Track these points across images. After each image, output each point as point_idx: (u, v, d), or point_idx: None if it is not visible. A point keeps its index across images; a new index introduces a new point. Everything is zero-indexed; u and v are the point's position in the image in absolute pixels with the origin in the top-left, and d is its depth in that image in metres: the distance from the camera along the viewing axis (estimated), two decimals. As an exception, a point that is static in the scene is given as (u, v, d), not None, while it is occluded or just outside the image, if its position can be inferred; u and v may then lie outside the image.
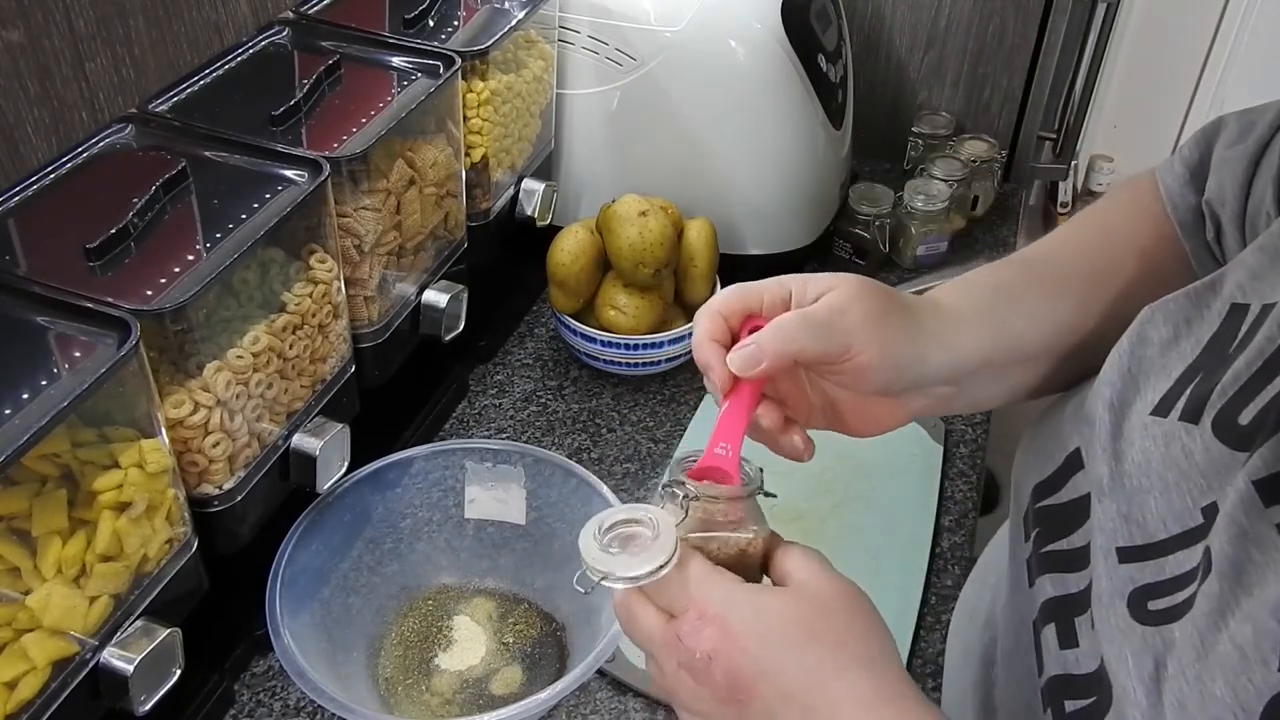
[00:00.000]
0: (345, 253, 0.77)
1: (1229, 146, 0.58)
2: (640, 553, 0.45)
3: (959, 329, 0.55)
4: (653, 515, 0.47)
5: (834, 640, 0.44)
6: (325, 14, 0.89)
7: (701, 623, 0.45)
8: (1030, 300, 0.58)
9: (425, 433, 0.95)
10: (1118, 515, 0.47)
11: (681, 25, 1.02)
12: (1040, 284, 0.59)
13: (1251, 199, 0.56)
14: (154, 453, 0.60)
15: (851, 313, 0.51)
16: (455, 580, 0.82)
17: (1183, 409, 0.47)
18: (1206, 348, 0.48)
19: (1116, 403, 0.50)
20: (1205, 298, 0.50)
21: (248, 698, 0.76)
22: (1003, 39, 1.29)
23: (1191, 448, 0.45)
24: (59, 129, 0.78)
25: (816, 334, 0.51)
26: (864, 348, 0.51)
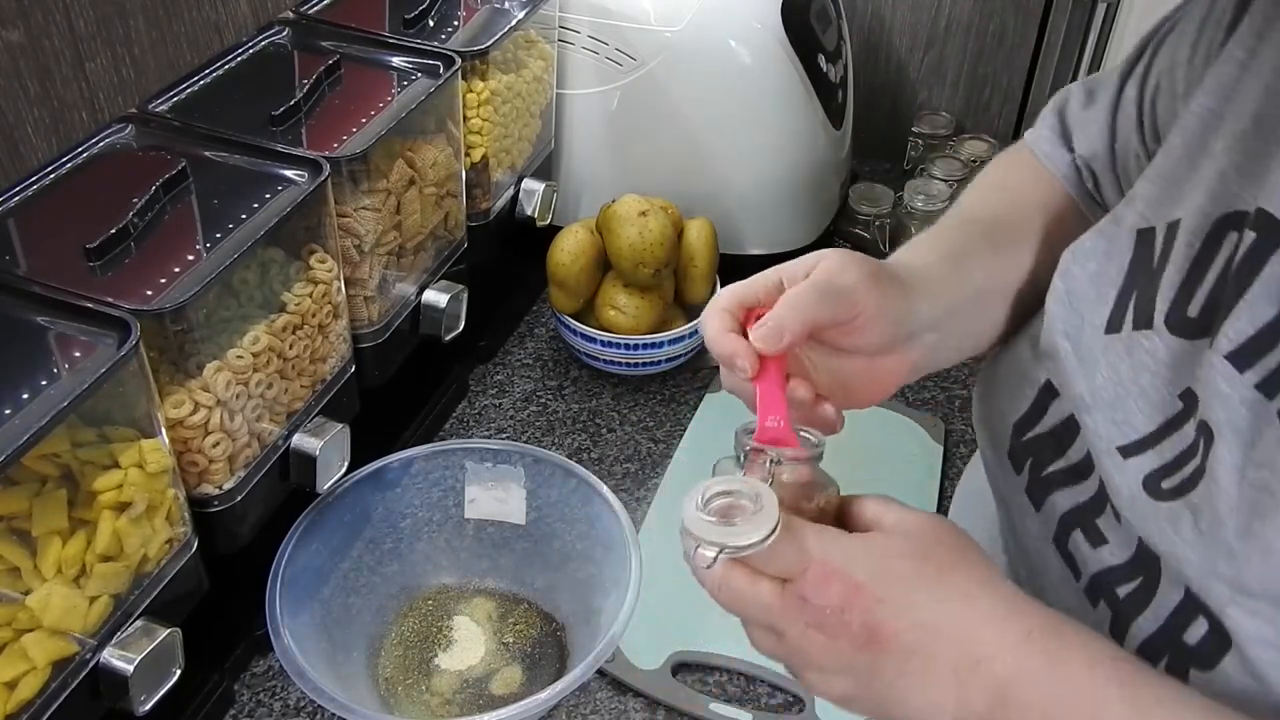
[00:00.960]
0: (345, 253, 0.77)
1: (1082, 110, 0.68)
2: (745, 522, 0.45)
3: (932, 280, 0.60)
4: (748, 484, 0.47)
5: (951, 569, 0.47)
6: (325, 14, 0.89)
7: (825, 578, 0.46)
8: (980, 250, 0.64)
9: (425, 433, 0.95)
10: (1108, 422, 0.53)
11: (681, 25, 1.02)
12: (979, 239, 0.65)
13: (1118, 148, 0.65)
14: (154, 453, 0.60)
15: (848, 274, 0.55)
16: (455, 580, 0.82)
17: (1133, 321, 0.53)
18: (1130, 271, 0.55)
19: (1070, 332, 0.56)
20: (1112, 232, 0.57)
21: (248, 698, 0.76)
22: (1003, 39, 1.29)
23: (1154, 349, 0.52)
24: (59, 129, 0.78)
25: (827, 299, 0.54)
26: (867, 303, 0.55)
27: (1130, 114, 0.64)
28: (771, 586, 0.47)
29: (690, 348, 1.01)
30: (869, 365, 0.58)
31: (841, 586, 0.46)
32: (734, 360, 0.54)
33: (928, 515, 0.50)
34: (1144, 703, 0.44)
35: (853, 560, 0.46)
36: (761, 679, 0.77)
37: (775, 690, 0.77)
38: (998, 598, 0.47)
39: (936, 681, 0.46)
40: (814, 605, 0.46)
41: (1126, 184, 0.64)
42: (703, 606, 0.82)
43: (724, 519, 0.46)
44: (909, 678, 0.46)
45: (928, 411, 0.99)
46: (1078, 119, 0.68)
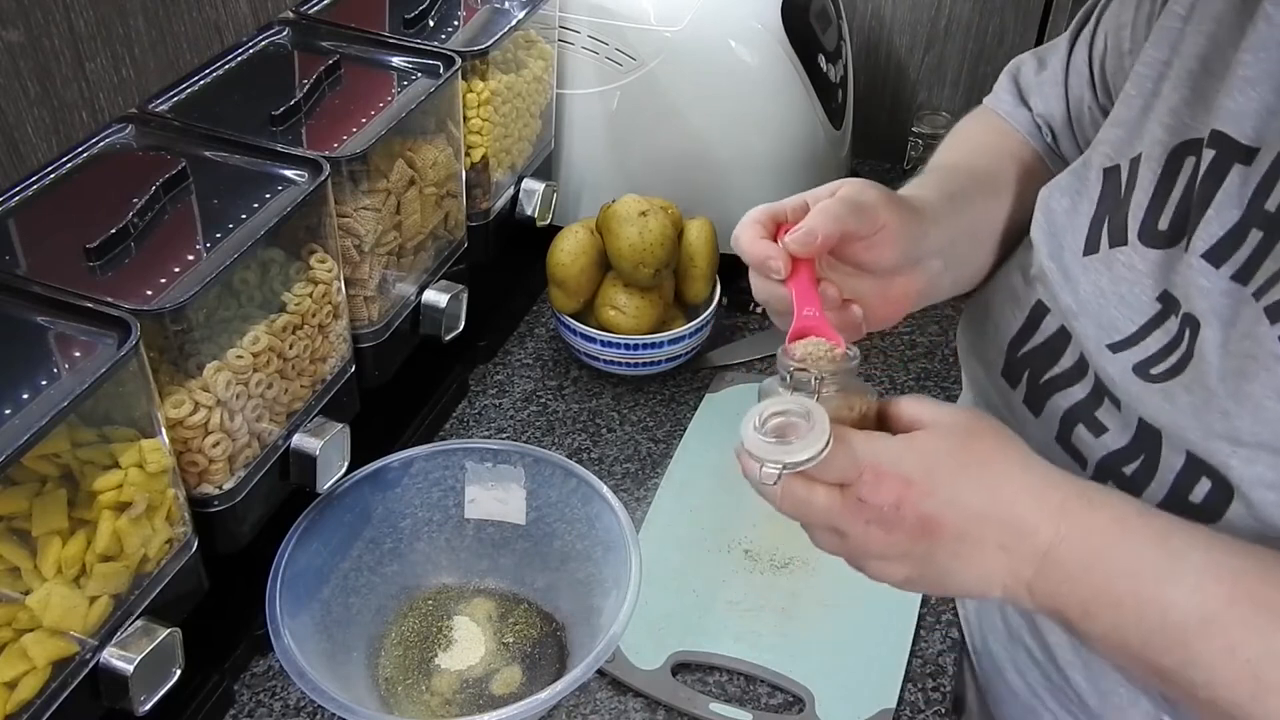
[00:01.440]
0: (345, 253, 0.77)
1: (1035, 75, 0.76)
2: (800, 439, 0.49)
3: (939, 212, 0.66)
4: (798, 403, 0.50)
5: (990, 456, 0.52)
6: (325, 14, 0.89)
7: (879, 479, 0.50)
8: (970, 193, 0.71)
9: (425, 433, 0.95)
10: (1095, 326, 0.60)
11: (681, 25, 1.02)
12: (966, 182, 0.72)
13: (1072, 106, 0.73)
14: (154, 453, 0.60)
15: (870, 193, 0.60)
16: (455, 580, 0.82)
17: (1108, 241, 0.61)
18: (1099, 201, 0.62)
19: (1054, 255, 0.63)
20: (1082, 172, 0.64)
21: (248, 698, 0.76)
22: (1003, 39, 1.29)
23: (1130, 261, 0.59)
24: (59, 129, 0.78)
25: (854, 210, 0.59)
26: (888, 218, 0.60)
27: (1082, 74, 0.72)
28: (830, 492, 0.51)
29: (690, 348, 1.01)
30: (882, 286, 0.63)
31: (894, 485, 0.50)
32: (767, 263, 0.58)
33: (964, 410, 0.54)
34: (1176, 546, 0.49)
35: (901, 460, 0.50)
36: (761, 679, 0.77)
37: (775, 690, 0.77)
38: (1034, 476, 0.52)
39: (987, 558, 0.51)
40: (871, 505, 0.50)
41: (1083, 138, 0.73)
42: (703, 607, 0.82)
43: (780, 437, 0.50)
44: (962, 559, 0.51)
45: (928, 411, 0.99)
46: (1031, 84, 0.76)
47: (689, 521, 0.88)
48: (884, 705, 0.74)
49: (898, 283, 0.64)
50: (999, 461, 0.52)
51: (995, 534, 0.51)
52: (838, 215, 0.58)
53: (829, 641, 0.79)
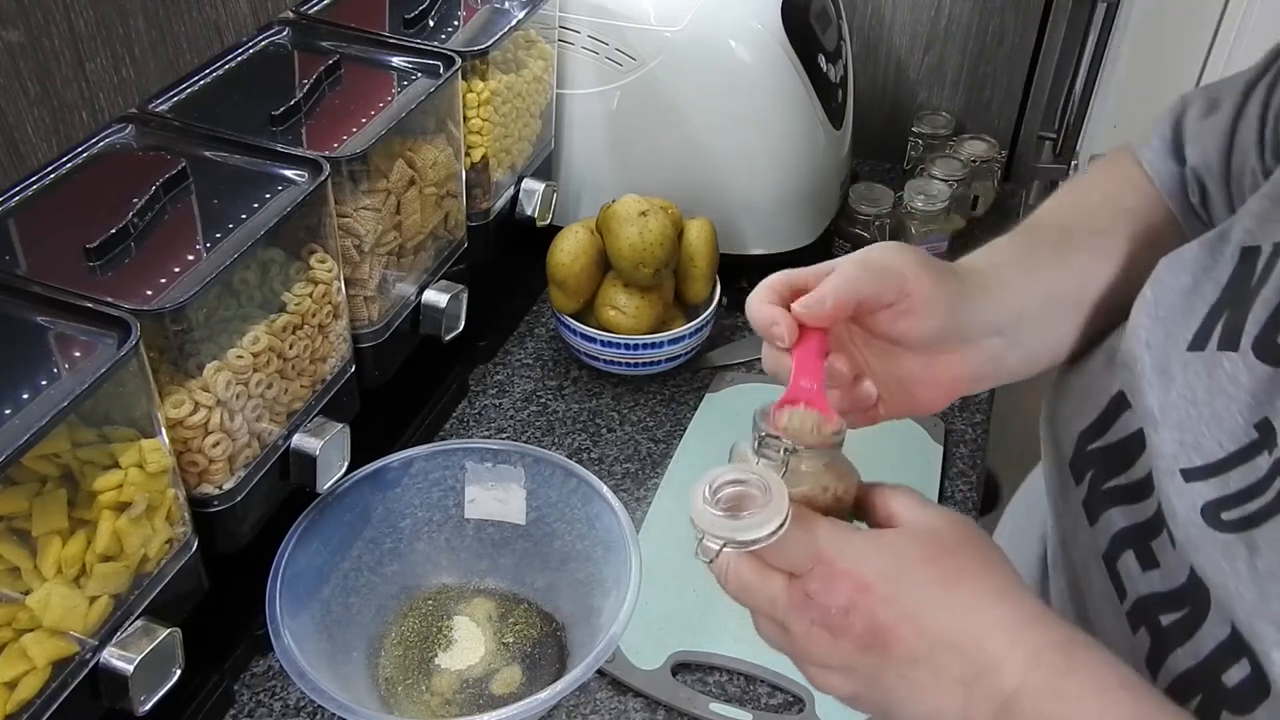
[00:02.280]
0: (345, 253, 0.77)
1: (1201, 119, 0.64)
2: (754, 513, 0.44)
3: (993, 282, 0.58)
4: (758, 474, 0.46)
5: (967, 575, 0.46)
6: (325, 14, 0.89)
7: (832, 576, 0.45)
8: (1047, 256, 0.61)
9: (425, 433, 0.95)
10: (1174, 442, 0.50)
11: (681, 25, 1.02)
12: (1052, 243, 0.62)
13: (1234, 162, 0.61)
14: (154, 453, 0.60)
15: (898, 256, 0.54)
16: (455, 580, 0.82)
17: (1219, 340, 0.51)
18: (1226, 288, 0.52)
19: (1152, 343, 0.53)
20: (1217, 246, 0.54)
21: (248, 698, 0.76)
22: (1003, 39, 1.29)
23: (1235, 372, 0.49)
24: (59, 129, 0.78)
25: (873, 274, 0.53)
26: (917, 284, 0.53)
27: (1252, 127, 0.61)
28: (779, 580, 0.46)
29: (690, 348, 1.01)
30: (927, 365, 0.57)
31: (849, 586, 0.45)
32: (771, 329, 0.53)
33: (949, 515, 0.48)
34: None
35: (863, 559, 0.45)
36: (761, 679, 0.77)
37: (775, 690, 0.77)
38: (1013, 608, 0.45)
39: (942, 690, 0.45)
40: (819, 603, 0.45)
41: (1239, 200, 0.61)
42: (703, 606, 0.82)
43: (733, 509, 0.45)
44: (912, 685, 0.45)
45: (928, 411, 0.99)
46: (1195, 129, 0.65)
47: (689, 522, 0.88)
48: (884, 705, 0.74)
49: (944, 362, 0.57)
50: (976, 582, 0.46)
51: (958, 666, 0.44)
52: (853, 279, 0.52)
53: (829, 641, 0.79)
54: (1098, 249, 0.62)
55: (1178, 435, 0.50)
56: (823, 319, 0.52)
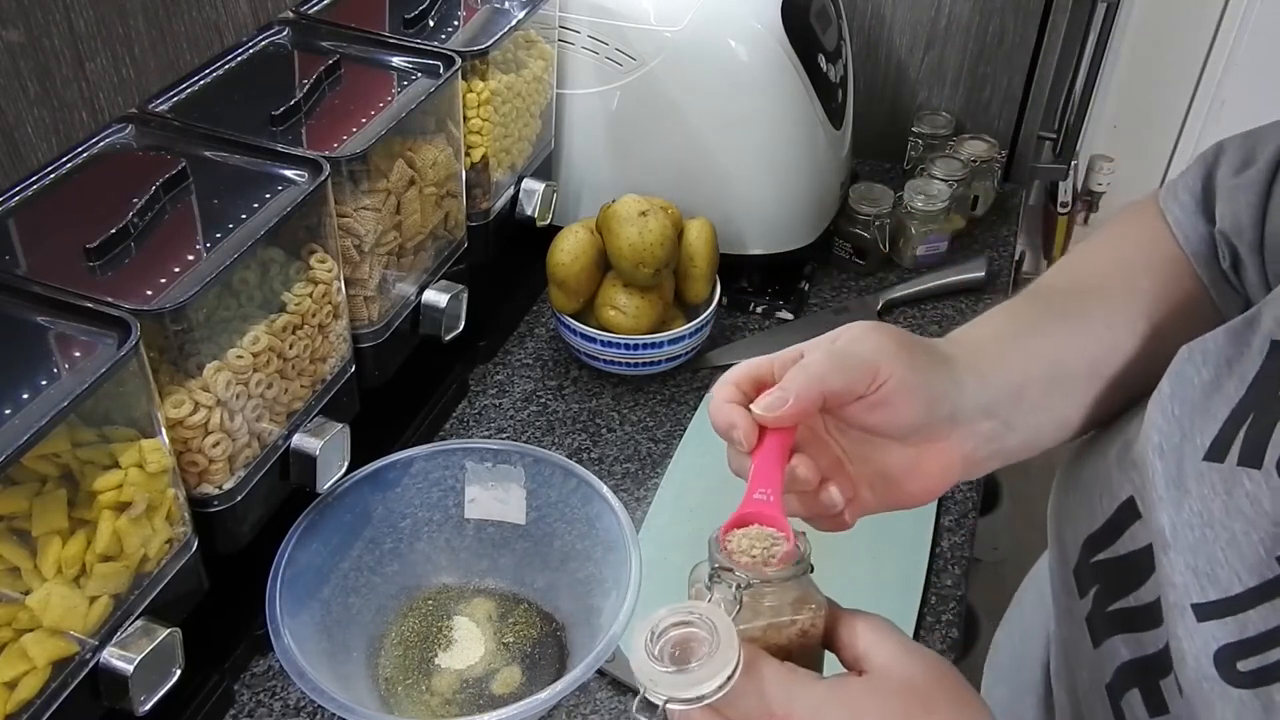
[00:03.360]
0: (345, 253, 0.77)
1: (1235, 174, 0.57)
2: (701, 664, 0.40)
3: (985, 357, 0.53)
4: (706, 614, 0.41)
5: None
6: (325, 14, 0.89)
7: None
8: (1050, 324, 0.56)
9: (425, 433, 0.95)
10: (1187, 569, 0.44)
11: (681, 25, 1.02)
12: (1057, 309, 0.57)
13: (1269, 226, 0.54)
14: (154, 453, 0.60)
15: (869, 340, 0.50)
16: (455, 580, 0.82)
17: (1240, 453, 0.45)
18: (1252, 387, 0.46)
19: (1166, 448, 0.47)
20: (1243, 336, 0.48)
21: (248, 698, 0.76)
22: (1003, 39, 1.29)
23: (1257, 494, 0.43)
24: (59, 129, 0.78)
25: (839, 363, 0.48)
26: (891, 369, 0.49)
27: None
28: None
29: (690, 348, 1.01)
30: (914, 457, 0.52)
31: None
32: (731, 431, 0.48)
33: (924, 659, 0.43)
34: None
35: (820, 712, 0.41)
36: (761, 679, 0.77)
37: (775, 690, 0.77)
38: None
39: None
40: None
41: (1274, 271, 0.54)
42: (703, 606, 0.82)
43: (680, 655, 0.41)
44: None
45: (928, 411, 0.99)
46: (1226, 186, 0.57)
47: (689, 521, 0.88)
48: (884, 705, 0.74)
49: (932, 450, 0.51)
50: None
51: None
52: (817, 375, 0.47)
53: (829, 641, 0.79)
54: (1114, 316, 0.56)
55: (1190, 561, 0.44)
56: (783, 420, 0.47)
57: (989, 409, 0.52)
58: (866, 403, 0.49)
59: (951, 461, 0.52)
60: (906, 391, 0.49)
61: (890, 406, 0.49)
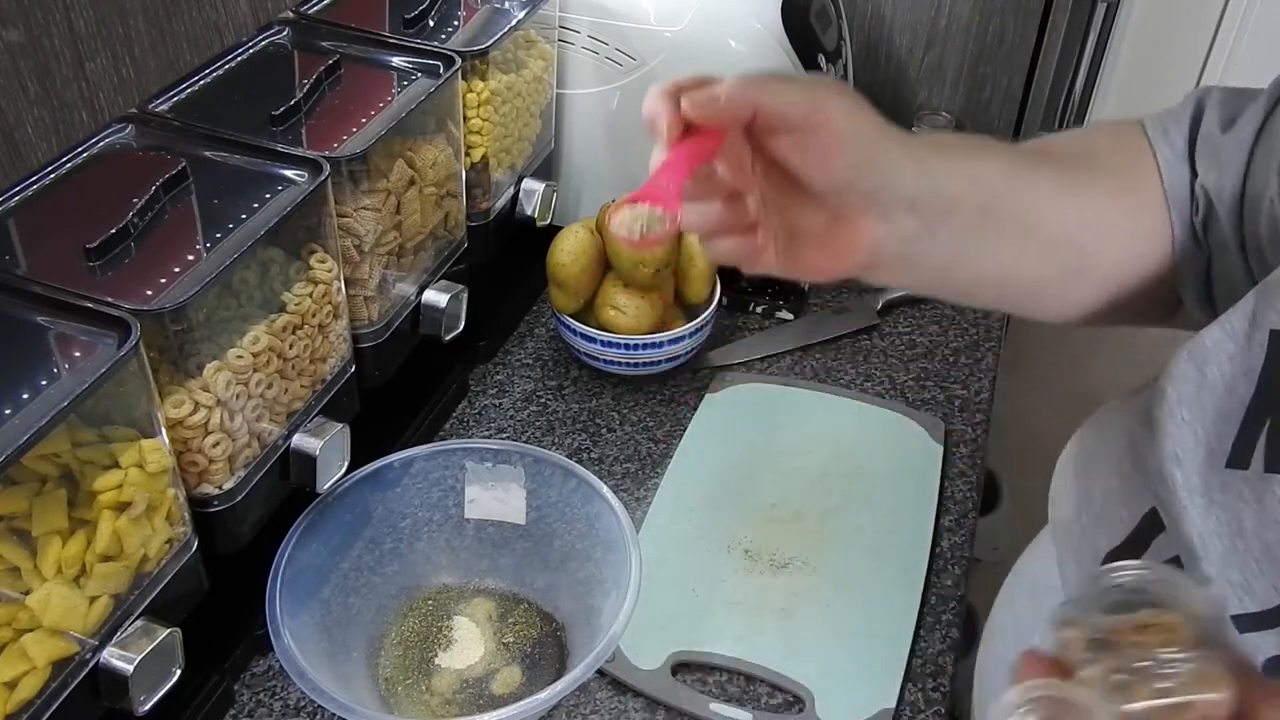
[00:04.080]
0: (345, 253, 0.77)
1: (1222, 130, 0.55)
2: None
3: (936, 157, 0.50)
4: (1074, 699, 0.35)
5: None
6: (325, 14, 0.89)
7: None
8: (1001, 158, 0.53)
9: (425, 433, 0.95)
10: (1221, 581, 0.42)
11: (681, 25, 1.02)
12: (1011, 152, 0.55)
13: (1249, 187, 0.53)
14: (154, 453, 0.60)
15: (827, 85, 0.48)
16: (455, 580, 0.82)
17: (1265, 459, 0.42)
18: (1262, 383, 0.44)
19: (1182, 456, 0.45)
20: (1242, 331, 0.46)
21: (248, 698, 0.76)
22: (1003, 39, 1.29)
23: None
24: (59, 129, 0.78)
25: (784, 84, 0.46)
26: (832, 114, 0.46)
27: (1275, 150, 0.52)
28: None
29: (690, 348, 1.01)
30: (825, 225, 0.49)
31: None
32: (655, 120, 0.47)
33: None
34: None
35: None
36: (761, 679, 0.77)
37: (775, 690, 0.77)
38: None
39: None
40: None
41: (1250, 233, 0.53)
42: (703, 606, 0.82)
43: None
44: None
45: (928, 411, 0.99)
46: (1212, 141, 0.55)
47: (689, 521, 0.88)
48: (884, 705, 0.74)
49: (846, 224, 0.49)
50: None
51: None
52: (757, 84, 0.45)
53: (829, 641, 0.79)
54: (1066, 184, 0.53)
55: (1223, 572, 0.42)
56: (710, 117, 0.45)
57: (915, 204, 0.49)
58: (799, 138, 0.46)
59: (857, 242, 0.49)
60: (841, 138, 0.46)
61: (821, 149, 0.46)
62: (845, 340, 1.06)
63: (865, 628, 0.80)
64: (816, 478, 0.92)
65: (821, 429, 0.97)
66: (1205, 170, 0.55)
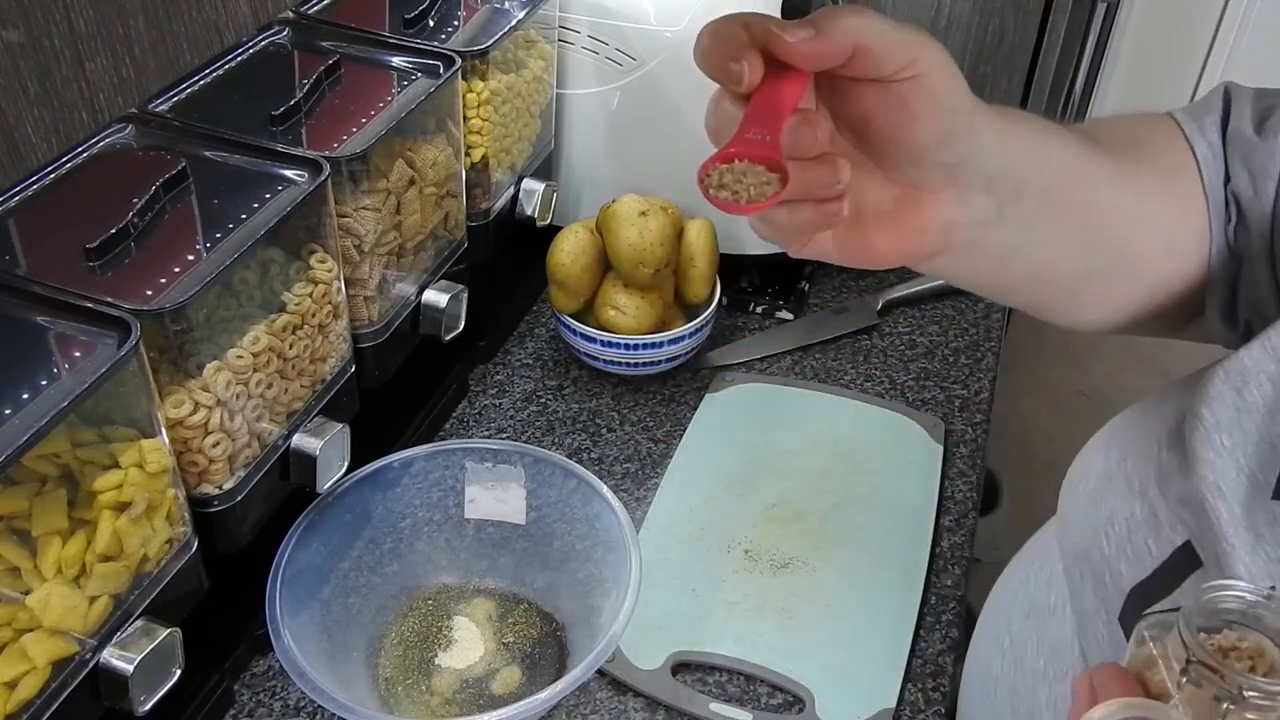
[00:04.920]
0: (345, 253, 0.77)
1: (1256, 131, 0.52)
2: None
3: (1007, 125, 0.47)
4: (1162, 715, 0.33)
5: None
6: (325, 14, 0.89)
7: None
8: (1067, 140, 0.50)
9: (425, 433, 0.95)
10: None
11: (681, 25, 1.02)
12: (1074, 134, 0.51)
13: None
14: (154, 453, 0.60)
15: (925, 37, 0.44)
16: (455, 580, 0.82)
17: None
18: None
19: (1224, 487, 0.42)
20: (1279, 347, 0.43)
21: (248, 698, 0.76)
22: (1003, 39, 1.29)
23: None
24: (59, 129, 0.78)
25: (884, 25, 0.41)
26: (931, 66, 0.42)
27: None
28: None
29: (690, 348, 1.01)
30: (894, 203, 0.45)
31: None
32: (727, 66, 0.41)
33: None
34: None
35: None
36: (761, 679, 0.77)
37: (775, 690, 0.77)
38: None
39: None
40: None
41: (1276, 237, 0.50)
42: (703, 606, 0.82)
43: None
44: None
45: (928, 411, 0.99)
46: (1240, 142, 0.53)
47: (689, 521, 0.88)
48: (884, 705, 0.74)
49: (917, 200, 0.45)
50: None
51: None
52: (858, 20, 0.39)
53: (829, 641, 0.79)
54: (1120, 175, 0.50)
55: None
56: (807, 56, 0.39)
57: (991, 183, 0.46)
58: (891, 90, 0.42)
59: (928, 223, 0.45)
60: (937, 98, 0.42)
61: (911, 107, 0.42)
62: (845, 340, 1.06)
63: (865, 628, 0.80)
64: (816, 478, 0.92)
65: (821, 429, 0.97)
66: (1237, 174, 0.52)
